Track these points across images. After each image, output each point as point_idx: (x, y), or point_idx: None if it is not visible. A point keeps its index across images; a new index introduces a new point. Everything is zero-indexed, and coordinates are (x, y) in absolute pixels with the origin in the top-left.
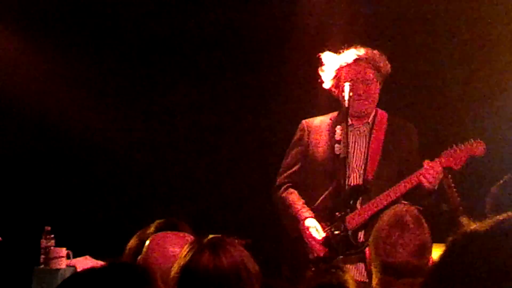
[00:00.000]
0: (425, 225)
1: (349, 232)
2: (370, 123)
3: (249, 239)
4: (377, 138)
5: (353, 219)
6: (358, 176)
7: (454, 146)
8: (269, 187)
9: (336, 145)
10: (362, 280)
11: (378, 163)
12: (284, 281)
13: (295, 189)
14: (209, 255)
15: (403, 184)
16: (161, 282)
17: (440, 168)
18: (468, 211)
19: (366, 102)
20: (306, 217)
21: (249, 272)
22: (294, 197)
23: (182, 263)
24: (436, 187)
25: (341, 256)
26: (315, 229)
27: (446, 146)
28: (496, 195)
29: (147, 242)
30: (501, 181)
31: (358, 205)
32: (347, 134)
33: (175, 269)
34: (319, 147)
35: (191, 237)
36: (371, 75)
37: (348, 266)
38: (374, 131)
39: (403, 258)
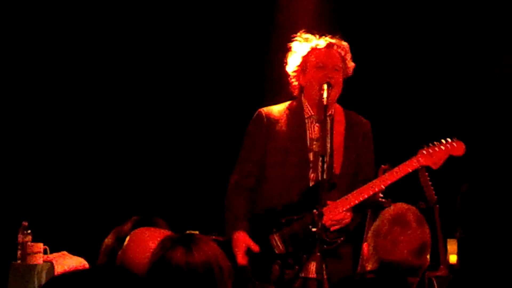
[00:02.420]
0: (426, 224)
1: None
2: (332, 115)
3: (226, 236)
4: (338, 132)
5: (328, 214)
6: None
7: (433, 144)
8: None
9: (314, 142)
10: (314, 277)
11: (342, 158)
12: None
13: (250, 187)
14: (181, 250)
15: (387, 176)
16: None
17: (417, 166)
18: (445, 208)
19: (334, 91)
20: (240, 229)
21: (222, 268)
22: (240, 203)
23: (154, 258)
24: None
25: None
26: (250, 243)
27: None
28: (465, 195)
29: (127, 238)
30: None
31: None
32: (325, 132)
33: (147, 264)
34: (281, 139)
35: (170, 233)
36: (340, 63)
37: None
38: (334, 125)
39: (402, 256)
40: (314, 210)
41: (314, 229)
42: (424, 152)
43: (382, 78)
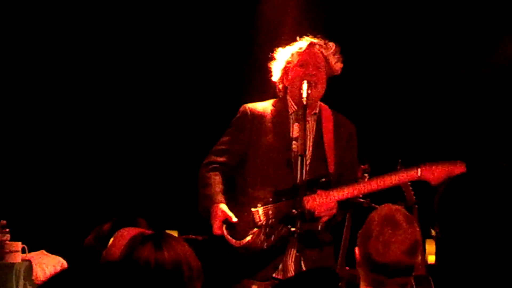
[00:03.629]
0: (416, 223)
1: (306, 211)
2: (317, 114)
3: (205, 235)
4: (327, 130)
5: (313, 200)
6: (308, 169)
7: (436, 162)
8: (232, 186)
9: (294, 142)
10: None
11: (334, 156)
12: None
13: (224, 172)
14: (151, 248)
15: (387, 177)
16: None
17: (416, 177)
18: (423, 209)
19: (316, 89)
20: (220, 202)
21: (191, 269)
22: (216, 180)
23: (123, 253)
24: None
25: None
26: (228, 214)
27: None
28: (443, 194)
29: (113, 237)
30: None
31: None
32: (305, 131)
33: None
34: (265, 136)
35: (151, 232)
36: (322, 62)
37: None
38: (323, 123)
39: (395, 257)
40: (293, 210)
41: (293, 229)
42: (426, 167)
43: (374, 81)
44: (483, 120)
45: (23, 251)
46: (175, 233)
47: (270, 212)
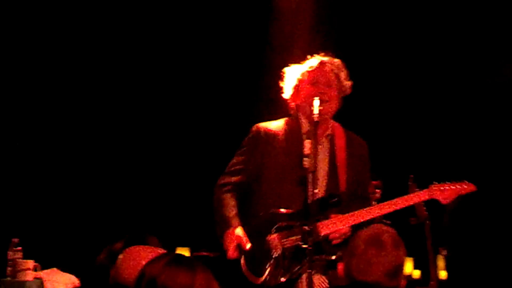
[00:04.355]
0: (403, 247)
1: (320, 238)
2: (331, 134)
3: (217, 252)
4: (340, 149)
5: (327, 227)
6: (322, 189)
7: (446, 183)
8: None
9: (305, 159)
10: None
11: (346, 175)
12: None
13: (237, 194)
14: (185, 274)
15: (398, 200)
16: None
17: (427, 197)
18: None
19: (327, 106)
20: (236, 226)
21: None
22: (231, 203)
23: (152, 276)
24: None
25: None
26: (242, 239)
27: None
28: (451, 214)
29: (120, 256)
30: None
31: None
32: (316, 148)
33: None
34: (278, 155)
35: (164, 251)
36: (333, 80)
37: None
38: (336, 141)
39: (375, 277)
40: (305, 227)
41: (304, 246)
42: (435, 188)
43: (385, 97)
44: (495, 134)
45: (35, 269)
46: (187, 250)
47: (285, 241)
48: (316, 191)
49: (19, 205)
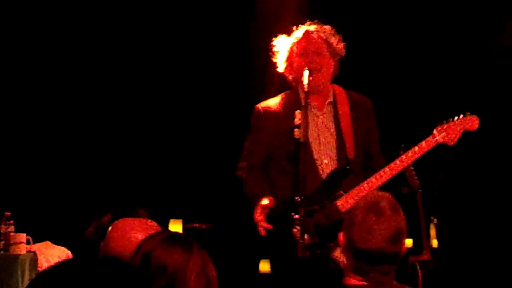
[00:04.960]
0: (401, 211)
1: (343, 215)
2: (332, 101)
3: (209, 224)
4: (344, 114)
5: (347, 203)
6: (331, 159)
7: (446, 121)
8: (230, 172)
9: (295, 129)
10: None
11: (353, 140)
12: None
13: (257, 174)
14: (180, 251)
15: (405, 157)
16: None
17: (434, 142)
18: (427, 193)
19: (319, 74)
20: (263, 197)
21: (209, 278)
22: (251, 183)
23: (147, 250)
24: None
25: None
26: (267, 208)
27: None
28: (441, 183)
29: (110, 228)
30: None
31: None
32: (306, 118)
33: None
34: (281, 131)
35: (153, 222)
36: (322, 47)
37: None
38: (339, 107)
39: (378, 244)
40: (326, 200)
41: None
42: (439, 129)
43: (384, 57)
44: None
45: (28, 243)
46: (179, 222)
47: (310, 229)
48: (326, 161)
49: (10, 178)
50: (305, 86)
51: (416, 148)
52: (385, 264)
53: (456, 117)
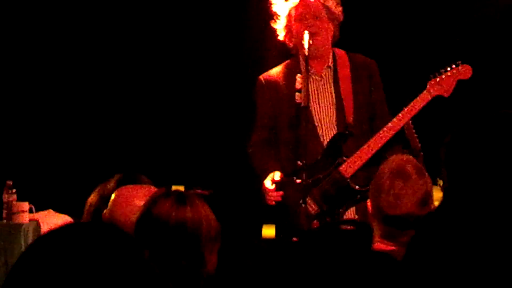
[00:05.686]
0: (427, 174)
1: (348, 180)
2: (331, 65)
3: (211, 190)
4: (344, 77)
5: (350, 167)
6: (331, 123)
7: (439, 72)
8: (229, 139)
9: (297, 93)
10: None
11: (353, 104)
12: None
13: (268, 147)
14: (173, 204)
15: (402, 115)
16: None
17: (429, 97)
18: (429, 156)
19: (319, 38)
20: (271, 171)
21: (211, 230)
22: (261, 157)
23: (145, 206)
24: None
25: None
26: (272, 178)
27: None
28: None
29: (113, 196)
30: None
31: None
32: (307, 82)
33: (134, 220)
34: (284, 100)
35: (156, 189)
36: (320, 11)
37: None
38: (338, 71)
39: (407, 209)
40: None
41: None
42: (433, 82)
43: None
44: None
45: (30, 211)
46: (181, 188)
47: (318, 198)
48: (325, 126)
49: (11, 147)
50: (305, 50)
51: (412, 103)
52: (414, 228)
53: (448, 68)
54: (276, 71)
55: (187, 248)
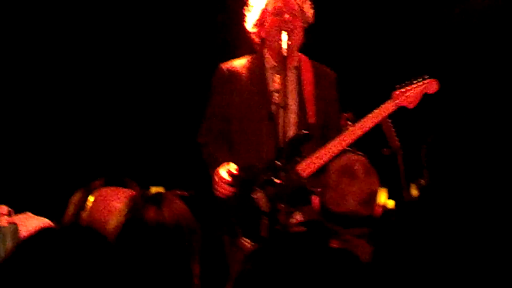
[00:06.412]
0: (375, 174)
1: (305, 181)
2: (298, 66)
3: (191, 191)
4: (308, 81)
5: (308, 168)
6: (291, 124)
7: (405, 84)
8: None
9: (275, 94)
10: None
11: (315, 107)
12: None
13: (220, 137)
14: (152, 210)
15: (365, 121)
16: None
17: (394, 106)
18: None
19: (294, 36)
20: (224, 162)
21: (190, 228)
22: (214, 146)
23: (124, 217)
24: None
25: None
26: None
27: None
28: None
29: (91, 198)
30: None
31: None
32: (285, 83)
33: (113, 223)
34: (243, 92)
35: (136, 192)
36: (297, 10)
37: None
38: (303, 75)
39: (351, 207)
40: (277, 161)
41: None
42: (398, 93)
43: (343, 27)
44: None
45: (9, 214)
46: (161, 189)
47: (271, 196)
48: (288, 127)
49: None
50: (284, 50)
51: (377, 110)
52: (358, 227)
53: (414, 80)
54: (240, 63)
55: (171, 248)
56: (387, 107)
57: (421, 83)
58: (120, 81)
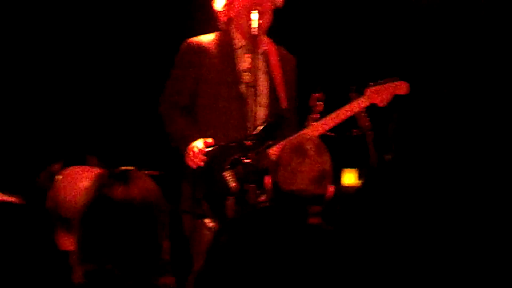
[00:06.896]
0: (327, 153)
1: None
2: (265, 49)
3: (158, 170)
4: (275, 65)
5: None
6: (264, 106)
7: (378, 82)
8: None
9: (244, 73)
10: None
11: (285, 91)
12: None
13: (183, 112)
14: (120, 187)
15: (338, 113)
16: (73, 217)
17: (366, 102)
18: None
19: (265, 18)
20: (195, 138)
21: (159, 205)
22: (181, 121)
23: (91, 195)
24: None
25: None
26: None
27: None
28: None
29: (57, 178)
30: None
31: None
32: (255, 63)
33: (81, 202)
34: (211, 70)
35: (102, 170)
36: None
37: None
38: (270, 57)
39: (301, 185)
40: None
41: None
42: (371, 90)
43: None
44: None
45: None
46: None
47: (241, 175)
48: (259, 108)
49: None
50: (254, 30)
51: (349, 105)
52: (310, 206)
53: (387, 80)
54: (207, 40)
55: (139, 225)
56: (360, 103)
57: (392, 84)
58: (85, 59)
